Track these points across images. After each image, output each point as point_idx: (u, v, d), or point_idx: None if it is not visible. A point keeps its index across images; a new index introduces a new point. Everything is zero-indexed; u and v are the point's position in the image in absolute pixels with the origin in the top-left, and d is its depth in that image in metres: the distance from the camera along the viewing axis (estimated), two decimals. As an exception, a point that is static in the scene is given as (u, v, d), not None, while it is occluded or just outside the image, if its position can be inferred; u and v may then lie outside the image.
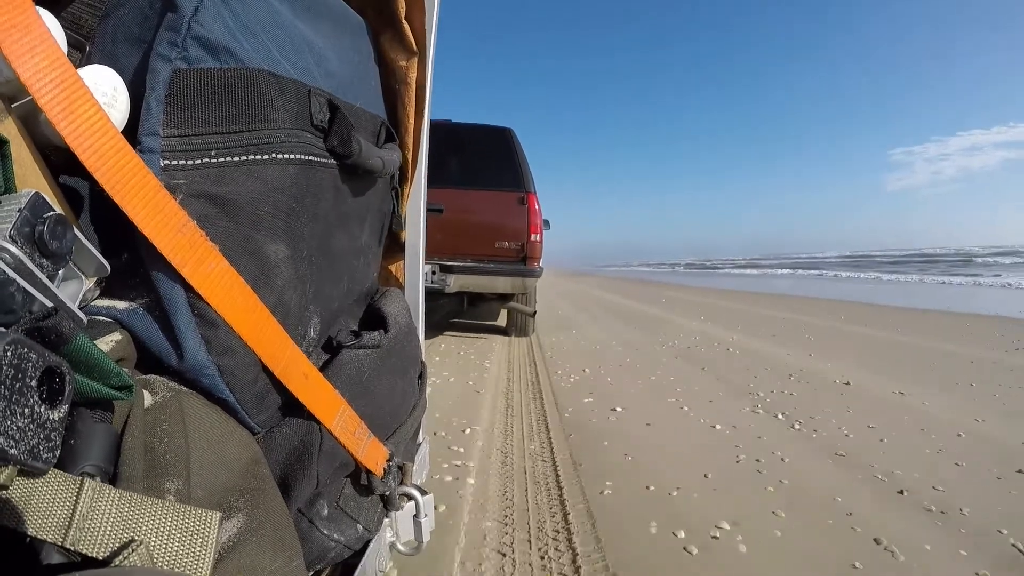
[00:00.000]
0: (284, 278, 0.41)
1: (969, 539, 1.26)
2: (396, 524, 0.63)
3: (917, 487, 1.55)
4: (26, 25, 0.27)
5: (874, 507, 1.42)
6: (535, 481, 1.55)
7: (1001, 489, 1.56)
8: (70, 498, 0.22)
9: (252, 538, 0.32)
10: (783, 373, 3.10)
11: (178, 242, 0.32)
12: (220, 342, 0.35)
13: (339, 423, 0.44)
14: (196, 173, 0.34)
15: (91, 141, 0.29)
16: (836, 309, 7.44)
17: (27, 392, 0.19)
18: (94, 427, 0.27)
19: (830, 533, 1.28)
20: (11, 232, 0.24)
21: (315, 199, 0.44)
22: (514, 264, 3.75)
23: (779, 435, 2.00)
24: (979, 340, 4.45)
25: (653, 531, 1.27)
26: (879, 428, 2.11)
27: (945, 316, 6.58)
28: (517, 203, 3.79)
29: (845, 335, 4.79)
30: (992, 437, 2.02)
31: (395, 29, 0.63)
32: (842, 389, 2.74)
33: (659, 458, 1.74)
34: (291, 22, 0.43)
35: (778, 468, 1.68)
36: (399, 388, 0.59)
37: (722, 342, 4.28)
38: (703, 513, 1.36)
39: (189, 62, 0.33)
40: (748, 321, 5.89)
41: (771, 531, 1.28)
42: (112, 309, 0.34)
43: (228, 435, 0.35)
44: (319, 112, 0.44)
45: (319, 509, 0.47)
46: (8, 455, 0.18)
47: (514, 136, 3.96)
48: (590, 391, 2.61)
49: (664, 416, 2.22)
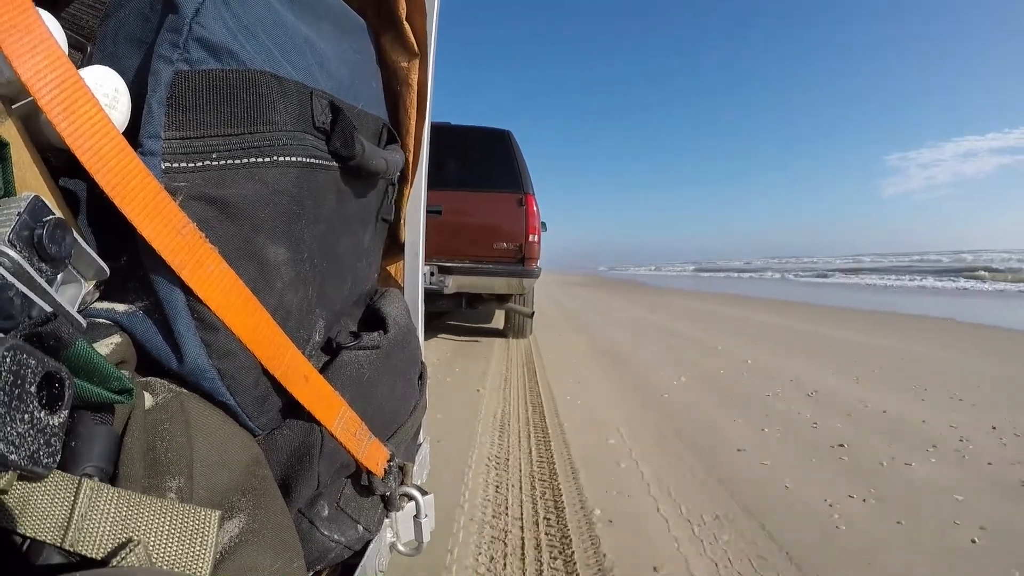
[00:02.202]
0: (285, 281, 0.41)
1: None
2: (396, 524, 0.63)
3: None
4: (26, 25, 0.26)
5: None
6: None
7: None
8: (68, 499, 0.22)
9: (253, 538, 0.32)
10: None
11: (178, 245, 0.31)
12: (220, 345, 0.35)
13: (340, 424, 0.44)
14: (197, 175, 0.34)
15: (92, 142, 0.28)
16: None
17: (27, 398, 0.19)
18: (95, 429, 0.26)
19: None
20: (10, 236, 0.24)
21: (317, 201, 0.44)
22: (512, 265, 3.76)
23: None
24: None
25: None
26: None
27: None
28: (515, 204, 3.79)
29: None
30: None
31: (396, 30, 0.63)
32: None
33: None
34: (292, 23, 0.43)
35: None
36: (399, 389, 0.59)
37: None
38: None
39: (191, 63, 0.33)
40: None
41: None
42: (112, 312, 0.33)
43: (229, 436, 0.35)
44: (321, 114, 0.44)
45: (320, 510, 0.47)
46: (8, 461, 0.18)
47: (512, 138, 3.97)
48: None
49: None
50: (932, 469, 1.78)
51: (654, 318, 6.69)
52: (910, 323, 6.49)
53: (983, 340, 4.94)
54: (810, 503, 1.50)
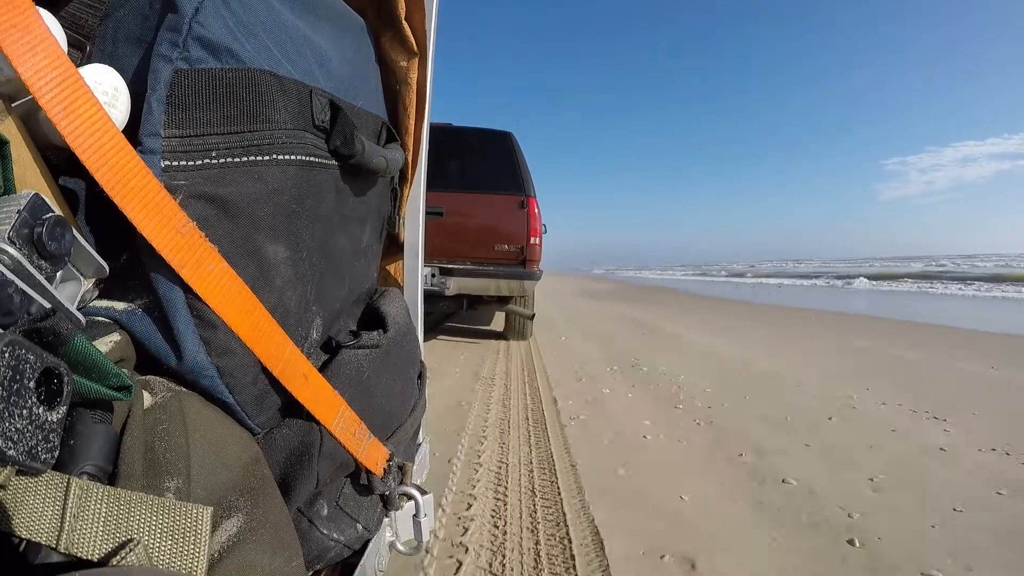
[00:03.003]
0: (284, 279, 0.41)
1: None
2: (396, 524, 0.63)
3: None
4: (26, 25, 0.26)
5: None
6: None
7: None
8: (58, 499, 0.22)
9: (252, 537, 0.32)
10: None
11: (177, 243, 0.31)
12: (219, 343, 0.35)
13: (339, 423, 0.44)
14: (197, 174, 0.34)
15: (91, 141, 0.28)
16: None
17: (25, 393, 0.19)
18: (93, 428, 0.26)
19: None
20: (10, 234, 0.24)
21: (316, 200, 0.44)
22: (513, 267, 3.75)
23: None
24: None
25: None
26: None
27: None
28: (517, 207, 3.79)
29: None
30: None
31: (395, 30, 0.63)
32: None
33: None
34: (292, 22, 0.43)
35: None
36: (398, 388, 0.59)
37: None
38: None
39: (190, 62, 0.33)
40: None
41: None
42: (111, 310, 0.33)
43: (228, 435, 0.35)
44: (320, 112, 0.44)
45: (319, 509, 0.47)
46: (7, 456, 0.18)
47: (514, 140, 3.97)
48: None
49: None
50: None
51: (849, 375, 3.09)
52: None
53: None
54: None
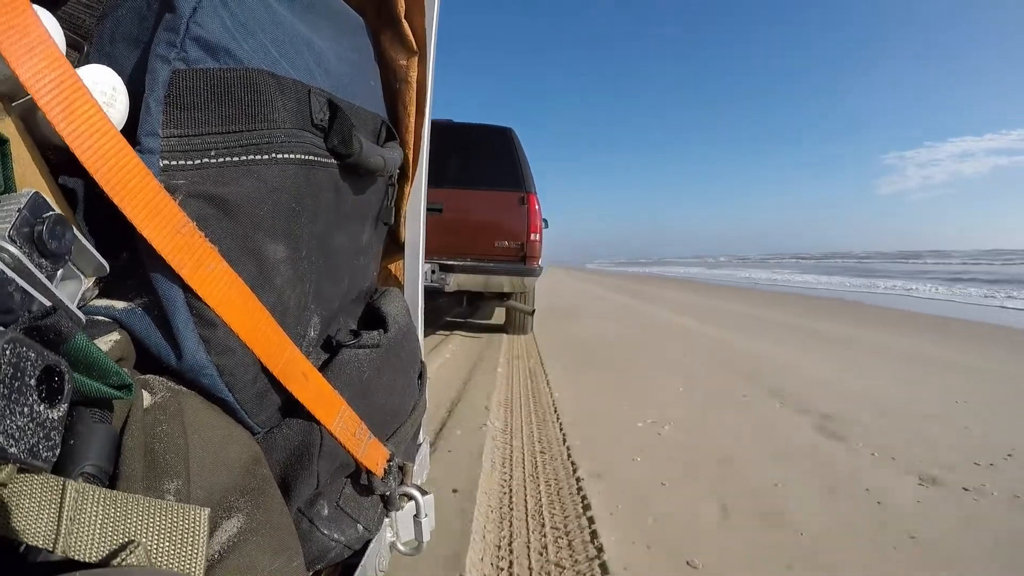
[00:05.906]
0: (283, 278, 0.41)
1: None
2: (396, 524, 0.63)
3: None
4: (24, 26, 0.26)
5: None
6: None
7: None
8: (55, 502, 0.22)
9: (252, 538, 0.32)
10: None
11: (177, 243, 0.32)
12: (219, 342, 0.35)
13: (339, 423, 0.44)
14: (196, 173, 0.34)
15: (90, 141, 0.28)
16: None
17: (26, 391, 0.19)
18: (93, 427, 0.26)
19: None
20: (10, 232, 0.24)
21: (315, 199, 0.44)
22: (514, 263, 3.75)
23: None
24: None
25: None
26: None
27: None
28: (517, 203, 3.78)
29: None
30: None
31: (395, 28, 0.63)
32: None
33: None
34: (290, 21, 0.43)
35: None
36: (399, 388, 0.59)
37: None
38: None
39: (188, 62, 0.33)
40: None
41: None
42: (111, 309, 0.33)
43: (228, 435, 0.35)
44: (319, 111, 0.44)
45: (319, 509, 0.47)
46: (8, 454, 0.18)
47: (515, 136, 3.96)
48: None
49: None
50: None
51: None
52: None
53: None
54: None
